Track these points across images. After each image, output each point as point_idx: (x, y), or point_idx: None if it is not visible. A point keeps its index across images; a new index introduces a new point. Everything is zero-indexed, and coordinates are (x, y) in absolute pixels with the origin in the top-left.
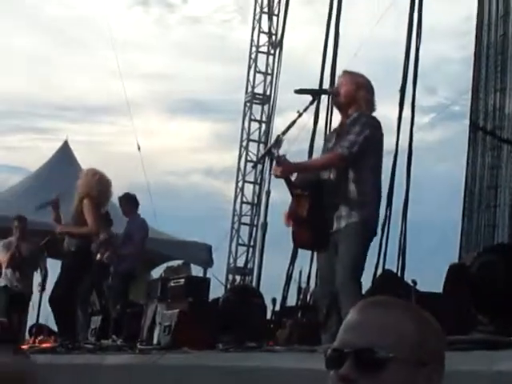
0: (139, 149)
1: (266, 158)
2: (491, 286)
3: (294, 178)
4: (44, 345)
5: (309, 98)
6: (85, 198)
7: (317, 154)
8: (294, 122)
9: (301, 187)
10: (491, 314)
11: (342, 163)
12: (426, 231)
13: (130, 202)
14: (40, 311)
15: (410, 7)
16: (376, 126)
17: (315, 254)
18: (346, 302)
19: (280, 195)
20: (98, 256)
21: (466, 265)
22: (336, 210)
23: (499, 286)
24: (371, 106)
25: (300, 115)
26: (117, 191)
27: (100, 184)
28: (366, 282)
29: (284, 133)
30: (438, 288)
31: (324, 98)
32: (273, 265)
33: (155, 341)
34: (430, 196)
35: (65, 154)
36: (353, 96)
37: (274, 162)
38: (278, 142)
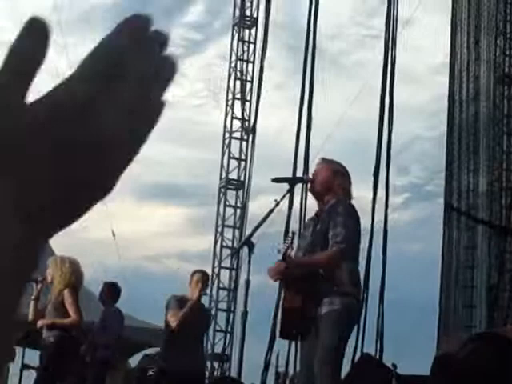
0: (114, 235)
1: (245, 246)
2: (481, 376)
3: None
4: None
5: (284, 184)
6: (65, 289)
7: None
8: (271, 211)
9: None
10: None
11: (343, 259)
12: (403, 311)
13: (113, 292)
14: None
15: (382, 90)
16: (356, 215)
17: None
18: None
19: (258, 281)
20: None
21: (452, 355)
22: (320, 297)
23: (490, 377)
24: (348, 193)
25: (277, 204)
26: (91, 276)
27: (74, 271)
28: (345, 365)
29: (263, 221)
30: (419, 370)
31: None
32: (250, 350)
33: None
34: (406, 276)
35: None
36: (329, 184)
37: (280, 258)
38: (289, 239)
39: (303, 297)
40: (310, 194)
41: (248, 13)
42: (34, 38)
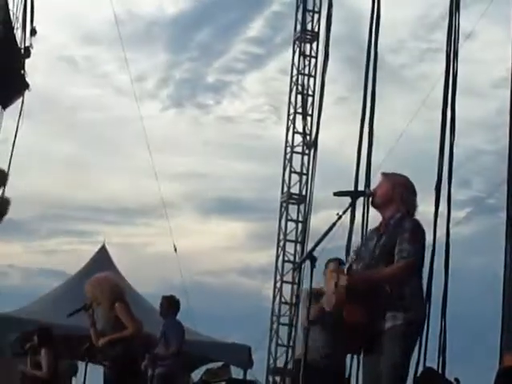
0: (175, 250)
1: (307, 261)
2: None
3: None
4: None
5: (346, 197)
6: (116, 303)
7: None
8: (334, 225)
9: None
10: None
11: (411, 273)
12: (466, 325)
13: (172, 305)
14: None
15: (443, 103)
16: (421, 230)
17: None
18: None
19: None
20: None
21: None
22: (382, 311)
23: None
24: (411, 204)
25: (340, 217)
26: (154, 291)
27: (113, 284)
28: (408, 379)
29: (325, 235)
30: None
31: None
32: None
33: None
34: (469, 290)
35: (102, 256)
36: (389, 196)
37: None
38: (356, 252)
39: (367, 311)
40: (372, 208)
41: (309, 27)
42: None
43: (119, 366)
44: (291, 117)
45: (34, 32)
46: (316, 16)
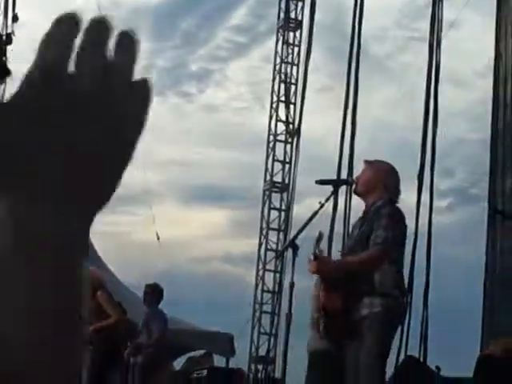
0: (158, 238)
1: (289, 249)
2: None
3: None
4: None
5: (328, 186)
6: (97, 291)
7: (336, 239)
8: (316, 213)
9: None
10: None
11: (381, 261)
12: (447, 314)
13: (156, 293)
14: None
15: (426, 92)
16: (401, 218)
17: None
18: None
19: (302, 284)
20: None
21: (493, 356)
22: (360, 298)
23: None
24: (393, 191)
25: (322, 206)
26: (136, 280)
27: (97, 276)
28: (389, 367)
29: (307, 223)
30: (462, 372)
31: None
32: (294, 353)
33: None
34: (450, 280)
35: None
36: (372, 183)
37: (312, 257)
38: (320, 237)
39: (343, 298)
40: (355, 196)
41: (292, 15)
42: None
43: (103, 353)
44: (274, 105)
45: (15, 18)
46: (300, 4)
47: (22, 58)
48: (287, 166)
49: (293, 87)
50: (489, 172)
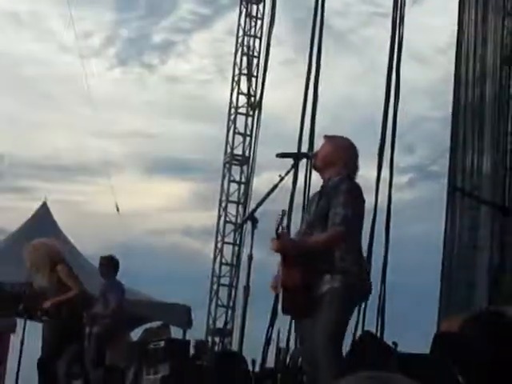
0: (118, 209)
1: (248, 222)
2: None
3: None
4: None
5: (288, 160)
6: (57, 265)
7: (296, 213)
8: (275, 186)
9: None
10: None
11: (342, 241)
12: (405, 290)
13: (112, 265)
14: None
15: (388, 68)
16: (359, 194)
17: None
18: (325, 365)
19: (260, 256)
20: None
21: (450, 333)
22: (320, 275)
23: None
24: (352, 167)
25: (282, 179)
26: (95, 251)
27: (52, 249)
28: (346, 343)
29: (267, 196)
30: (419, 349)
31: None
32: (251, 326)
33: None
34: (409, 256)
35: (44, 214)
36: (331, 158)
37: (275, 236)
38: (283, 216)
39: (303, 274)
40: (314, 171)
41: None
42: None
43: (62, 326)
44: (236, 78)
45: None
46: None
47: None
48: (248, 138)
49: (255, 60)
50: (449, 149)
